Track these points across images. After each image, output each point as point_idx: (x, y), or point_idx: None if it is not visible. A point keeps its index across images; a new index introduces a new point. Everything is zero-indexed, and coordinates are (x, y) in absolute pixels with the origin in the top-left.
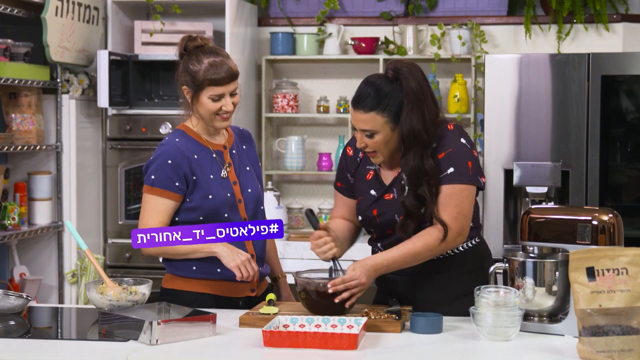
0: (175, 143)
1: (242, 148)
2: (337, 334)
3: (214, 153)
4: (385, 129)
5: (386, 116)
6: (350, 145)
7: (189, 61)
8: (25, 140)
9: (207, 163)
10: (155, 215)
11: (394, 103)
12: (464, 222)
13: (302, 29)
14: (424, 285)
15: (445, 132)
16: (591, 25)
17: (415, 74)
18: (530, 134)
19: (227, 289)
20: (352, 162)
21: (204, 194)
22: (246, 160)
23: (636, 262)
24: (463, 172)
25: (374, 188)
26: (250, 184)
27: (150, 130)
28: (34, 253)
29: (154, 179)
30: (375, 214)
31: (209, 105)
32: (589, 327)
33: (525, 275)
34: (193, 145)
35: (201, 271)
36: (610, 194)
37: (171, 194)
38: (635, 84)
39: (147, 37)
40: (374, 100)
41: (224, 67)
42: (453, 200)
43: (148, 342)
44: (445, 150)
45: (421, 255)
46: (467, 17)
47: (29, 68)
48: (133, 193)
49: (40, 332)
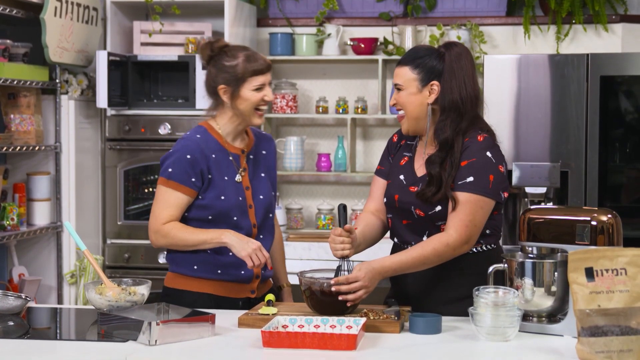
0: (197, 139)
1: (261, 153)
2: (336, 334)
3: (230, 156)
4: (412, 85)
5: (416, 74)
6: (397, 133)
7: (222, 59)
8: (24, 140)
9: (224, 165)
10: (167, 208)
11: (430, 66)
12: (473, 230)
13: (301, 30)
14: (436, 284)
15: (472, 142)
16: (590, 26)
17: (462, 53)
18: (529, 135)
19: (228, 289)
20: (393, 147)
21: (217, 194)
22: (262, 166)
23: (635, 262)
24: (482, 183)
25: (404, 174)
26: (262, 191)
27: (149, 130)
28: (33, 253)
29: (171, 172)
30: (397, 200)
31: (252, 96)
32: (588, 327)
33: (524, 275)
34: (213, 144)
35: (202, 270)
36: (609, 195)
37: (186, 189)
38: (634, 84)
39: (146, 38)
40: (409, 57)
41: (259, 57)
42: (467, 207)
43: (147, 343)
44: (469, 160)
45: (429, 260)
46: (466, 18)
47: (28, 68)
48: (132, 194)
49: (39, 332)
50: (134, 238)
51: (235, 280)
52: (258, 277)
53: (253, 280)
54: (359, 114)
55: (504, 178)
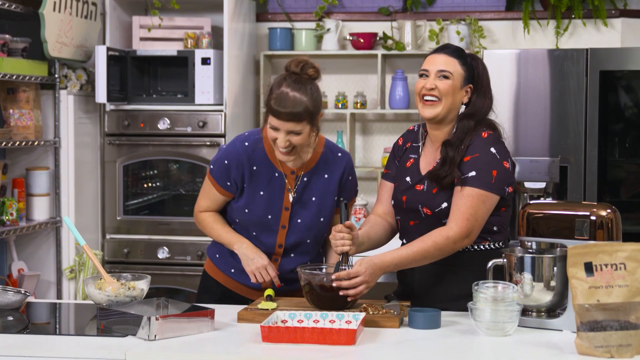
0: (243, 147)
1: (322, 177)
2: (335, 329)
3: (276, 172)
4: (458, 78)
5: (464, 70)
6: (402, 137)
7: (277, 81)
8: (24, 135)
9: (265, 179)
10: (205, 198)
11: (471, 69)
12: (475, 224)
13: (301, 25)
14: (443, 282)
15: (477, 139)
16: (589, 21)
17: (485, 65)
18: (529, 130)
19: (241, 288)
20: (399, 150)
21: (244, 205)
22: (316, 190)
23: (634, 257)
24: (484, 178)
25: (410, 175)
26: (304, 215)
27: (148, 125)
28: (32, 249)
29: (212, 168)
30: (404, 201)
31: (269, 131)
32: (587, 322)
33: (523, 270)
34: (260, 155)
35: (221, 262)
36: (608, 190)
37: (220, 189)
38: (633, 79)
39: (145, 33)
40: (457, 51)
41: (289, 103)
42: (468, 201)
43: (146, 338)
44: (472, 155)
45: (429, 253)
46: (465, 13)
47: (27, 63)
48: (131, 189)
49: (39, 327)
50: (133, 233)
51: (246, 284)
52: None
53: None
54: (358, 109)
55: (509, 174)
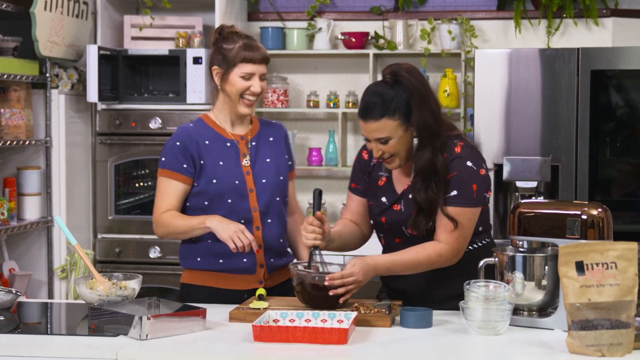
0: (188, 127)
1: (268, 140)
2: (327, 328)
3: (228, 142)
4: (398, 131)
5: (397, 119)
6: (366, 149)
7: (223, 42)
8: (15, 135)
9: (219, 150)
10: (165, 197)
11: (402, 104)
12: (463, 243)
13: (292, 24)
14: (430, 282)
15: (453, 155)
16: (581, 20)
17: (414, 73)
18: (520, 129)
19: (233, 281)
20: (367, 166)
21: (209, 178)
22: (267, 152)
23: (625, 256)
24: (467, 195)
25: (385, 195)
26: (267, 175)
27: (140, 125)
28: (23, 248)
29: (164, 161)
30: (384, 222)
31: (238, 83)
32: (578, 321)
33: (514, 269)
34: (207, 131)
35: (205, 262)
36: (599, 189)
37: (179, 176)
38: (624, 78)
39: (137, 32)
40: (382, 106)
41: (257, 48)
42: (456, 221)
43: (138, 337)
44: (451, 174)
45: (421, 266)
46: (457, 12)
47: (18, 63)
48: (123, 188)
49: (30, 327)
50: (124, 232)
51: (238, 269)
52: (262, 265)
53: (257, 269)
54: (350, 108)
55: (486, 180)
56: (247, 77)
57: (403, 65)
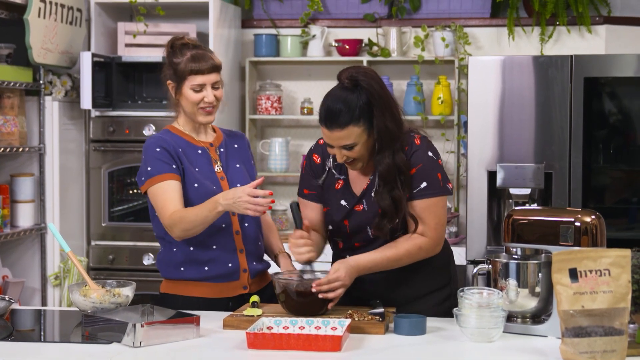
0: (159, 136)
1: (233, 147)
2: (321, 335)
3: (199, 149)
4: (363, 137)
5: (362, 125)
6: (317, 153)
7: (173, 55)
8: (8, 142)
9: (193, 157)
10: (168, 201)
11: (364, 109)
12: (441, 231)
13: (286, 31)
14: (394, 283)
15: (414, 148)
16: (574, 27)
17: (372, 76)
18: (514, 136)
19: (218, 290)
20: (320, 170)
21: (190, 182)
22: (236, 158)
23: (618, 263)
24: (435, 185)
25: (344, 198)
26: (240, 180)
27: (133, 132)
28: (16, 255)
29: (151, 170)
30: (347, 224)
31: (191, 96)
32: (572, 328)
33: (508, 276)
34: (178, 140)
35: (189, 271)
36: (593, 196)
37: (173, 175)
38: (617, 85)
39: (131, 39)
40: (347, 114)
41: (205, 58)
42: (430, 212)
43: (131, 345)
44: (416, 166)
45: (402, 260)
46: (450, 19)
47: (11, 69)
48: (116, 195)
49: (23, 334)
50: (118, 240)
51: (224, 276)
52: (246, 270)
53: (241, 274)
54: None
55: (444, 169)
56: (198, 89)
57: (360, 69)
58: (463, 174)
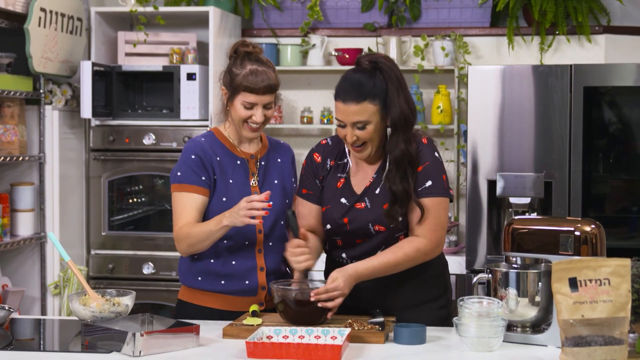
0: (200, 141)
1: (276, 161)
2: (321, 345)
3: (238, 160)
4: (376, 117)
5: (377, 104)
6: (318, 152)
7: (234, 64)
8: (8, 151)
9: (229, 168)
10: (183, 212)
11: (381, 91)
12: (442, 233)
13: (286, 40)
14: (388, 292)
15: (422, 146)
16: (573, 37)
17: (391, 62)
18: (513, 145)
19: (234, 303)
20: (320, 169)
21: (219, 196)
22: (275, 173)
23: (618, 272)
24: (439, 185)
25: (345, 196)
26: (273, 197)
27: (133, 141)
28: (16, 264)
29: (180, 175)
30: (347, 222)
31: (240, 111)
32: (572, 337)
33: (508, 285)
34: (218, 147)
35: (206, 282)
36: (592, 205)
37: (198, 189)
38: (617, 95)
39: (131, 48)
40: (364, 89)
41: (263, 77)
42: (431, 212)
43: (131, 354)
44: (423, 164)
45: (400, 265)
46: (450, 29)
47: (11, 79)
48: (116, 204)
49: (23, 344)
50: (118, 249)
51: (241, 291)
52: (264, 288)
53: (259, 291)
54: None
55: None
56: (249, 107)
57: (381, 55)
58: (463, 183)
